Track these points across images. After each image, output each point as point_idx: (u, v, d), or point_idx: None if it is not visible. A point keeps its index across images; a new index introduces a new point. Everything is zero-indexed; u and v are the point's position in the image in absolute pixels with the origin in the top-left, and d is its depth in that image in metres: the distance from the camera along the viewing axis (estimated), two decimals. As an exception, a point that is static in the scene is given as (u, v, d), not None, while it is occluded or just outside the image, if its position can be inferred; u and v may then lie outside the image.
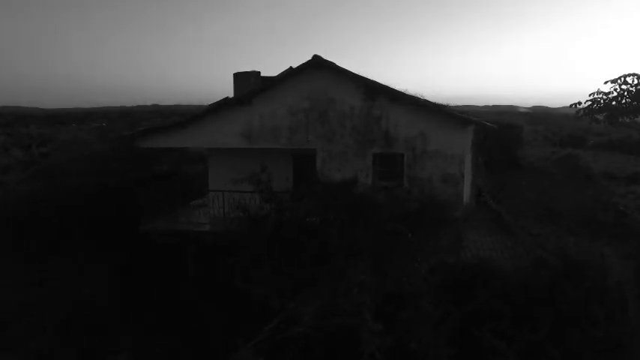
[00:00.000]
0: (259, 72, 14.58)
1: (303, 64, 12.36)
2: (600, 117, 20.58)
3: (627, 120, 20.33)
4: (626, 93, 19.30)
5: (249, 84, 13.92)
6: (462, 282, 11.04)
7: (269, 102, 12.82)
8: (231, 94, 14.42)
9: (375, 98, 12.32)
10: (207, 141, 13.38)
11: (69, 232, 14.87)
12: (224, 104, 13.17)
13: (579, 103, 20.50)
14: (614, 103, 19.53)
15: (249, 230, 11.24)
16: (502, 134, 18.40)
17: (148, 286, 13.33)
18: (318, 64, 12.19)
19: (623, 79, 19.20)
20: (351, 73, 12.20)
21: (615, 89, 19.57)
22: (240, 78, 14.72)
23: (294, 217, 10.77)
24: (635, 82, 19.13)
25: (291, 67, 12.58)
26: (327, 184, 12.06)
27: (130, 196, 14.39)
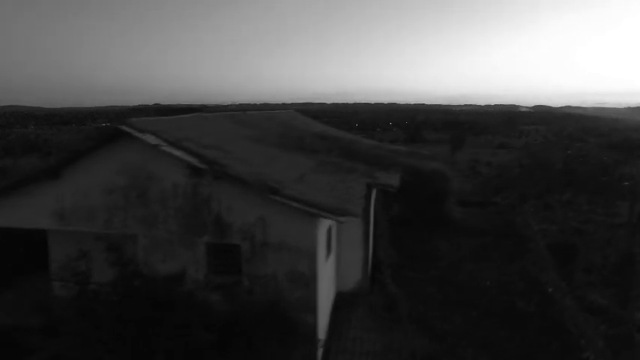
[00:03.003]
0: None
1: (112, 130, 9.77)
2: None
3: None
4: None
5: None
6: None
7: (81, 175, 10.25)
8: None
9: (202, 174, 9.66)
10: (16, 220, 10.88)
11: None
12: (32, 176, 10.64)
13: None
14: None
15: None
16: (424, 186, 15.57)
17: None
18: (125, 134, 9.56)
19: None
20: (168, 143, 9.55)
21: None
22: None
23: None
24: None
25: (101, 135, 9.98)
26: (149, 279, 9.52)
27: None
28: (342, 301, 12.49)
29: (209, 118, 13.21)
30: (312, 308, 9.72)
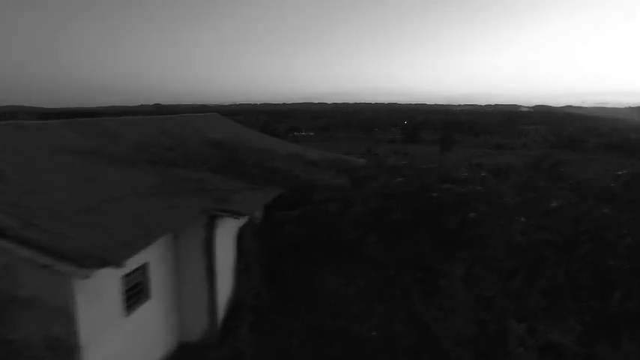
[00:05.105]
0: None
1: None
2: None
3: None
4: None
5: None
6: None
7: None
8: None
9: None
10: None
11: None
12: None
13: None
14: None
15: None
16: (316, 206, 12.98)
17: None
18: None
19: None
20: None
21: None
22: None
23: None
24: None
25: None
26: None
27: None
28: (183, 356, 9.99)
29: (28, 127, 10.72)
30: (77, 386, 7.22)
